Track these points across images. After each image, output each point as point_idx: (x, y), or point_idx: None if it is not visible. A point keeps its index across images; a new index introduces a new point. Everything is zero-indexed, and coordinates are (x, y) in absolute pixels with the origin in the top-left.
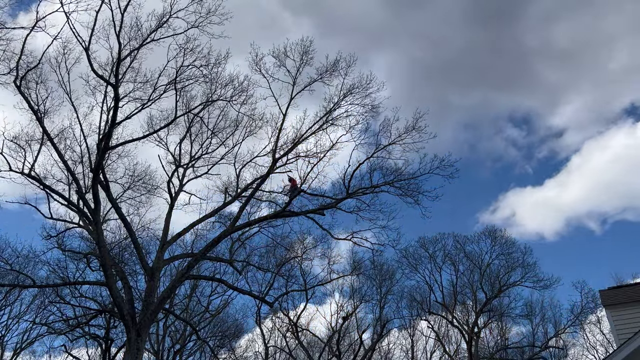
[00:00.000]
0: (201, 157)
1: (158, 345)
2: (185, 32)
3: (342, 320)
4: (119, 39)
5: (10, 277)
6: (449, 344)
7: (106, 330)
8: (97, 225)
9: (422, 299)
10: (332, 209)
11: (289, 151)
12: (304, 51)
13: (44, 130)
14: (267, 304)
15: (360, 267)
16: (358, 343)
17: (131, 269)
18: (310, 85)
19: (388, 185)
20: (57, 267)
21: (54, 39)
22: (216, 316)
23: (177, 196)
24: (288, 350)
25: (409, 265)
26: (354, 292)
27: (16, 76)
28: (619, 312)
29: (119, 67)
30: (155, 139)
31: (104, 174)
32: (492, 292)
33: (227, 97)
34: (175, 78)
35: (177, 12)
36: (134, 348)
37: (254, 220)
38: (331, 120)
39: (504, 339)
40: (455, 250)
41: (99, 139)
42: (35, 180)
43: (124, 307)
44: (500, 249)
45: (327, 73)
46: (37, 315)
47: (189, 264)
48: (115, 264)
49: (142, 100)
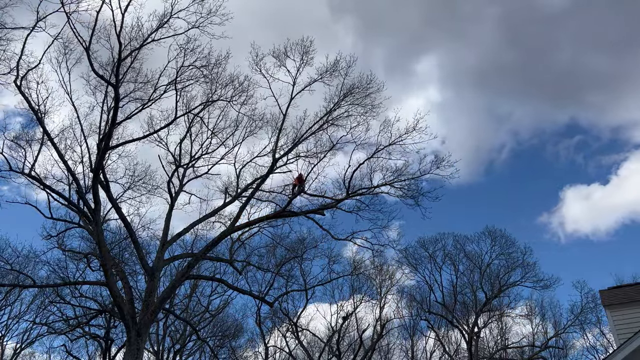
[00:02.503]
0: (201, 157)
1: (158, 345)
2: (185, 33)
3: (342, 320)
4: (120, 39)
5: (11, 277)
6: (449, 344)
7: (106, 330)
8: (97, 225)
9: (422, 299)
10: (332, 209)
11: (289, 151)
12: (304, 51)
13: (44, 130)
14: (267, 304)
15: (360, 267)
16: (358, 343)
17: (131, 269)
18: (310, 86)
19: (388, 186)
20: (57, 267)
21: (54, 39)
22: (216, 316)
23: (177, 196)
24: (288, 350)
25: (409, 265)
26: (354, 292)
27: (16, 76)
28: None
29: (119, 67)
30: (156, 139)
31: (104, 174)
32: (492, 292)
33: (228, 97)
34: (176, 78)
35: (177, 13)
36: (134, 348)
37: (254, 220)
38: (331, 121)
39: (504, 339)
40: (455, 250)
41: (99, 139)
42: (35, 180)
43: (124, 307)
44: (500, 248)
45: (327, 73)
46: (37, 315)
47: (189, 264)
48: (115, 264)
49: (143, 100)
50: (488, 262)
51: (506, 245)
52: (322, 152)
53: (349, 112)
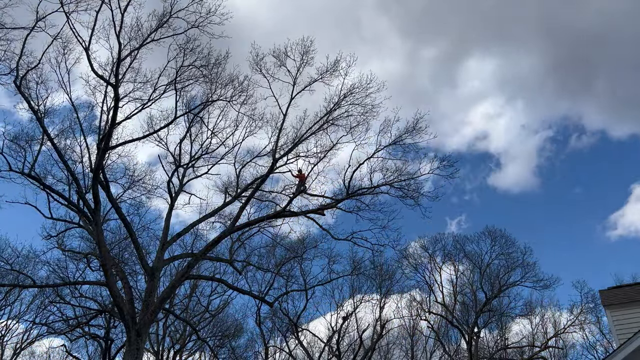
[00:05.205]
0: (201, 157)
1: (158, 345)
2: (185, 32)
3: (342, 320)
4: (119, 39)
5: (10, 277)
6: (449, 344)
7: (106, 330)
8: (97, 225)
9: (422, 299)
10: (332, 209)
11: (289, 151)
12: (304, 51)
13: (44, 130)
14: (267, 304)
15: (360, 267)
16: (358, 343)
17: (131, 269)
18: (310, 85)
19: (388, 186)
20: (57, 267)
21: (54, 39)
22: (216, 316)
23: (177, 196)
24: (288, 350)
25: (409, 265)
26: (354, 292)
27: (16, 76)
28: (619, 312)
29: (119, 67)
30: (155, 139)
31: (104, 174)
32: (492, 292)
33: (227, 97)
34: (176, 78)
35: (177, 12)
36: (134, 348)
37: (254, 220)
38: (331, 121)
39: (504, 339)
40: (455, 250)
41: (99, 139)
42: (35, 180)
43: (124, 307)
44: (500, 248)
45: (328, 73)
46: (37, 315)
47: (189, 264)
48: (115, 264)
49: (142, 100)
50: (488, 262)
51: (506, 245)
52: (322, 152)
53: (349, 112)
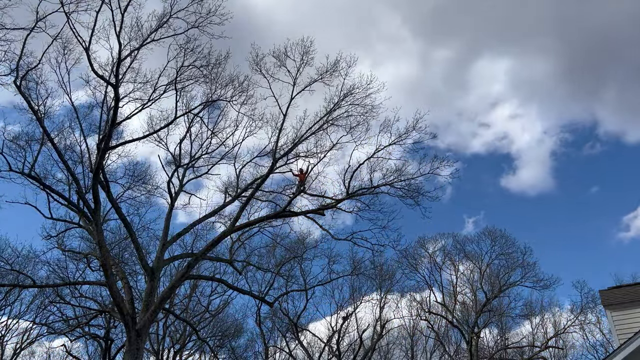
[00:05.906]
0: (201, 157)
1: (158, 345)
2: (185, 32)
3: (342, 320)
4: (119, 39)
5: (10, 277)
6: (449, 344)
7: (106, 330)
8: (97, 225)
9: (422, 299)
10: (332, 209)
11: (289, 151)
12: (304, 51)
13: (44, 130)
14: (267, 304)
15: (360, 267)
16: (358, 343)
17: (131, 269)
18: (310, 86)
19: (388, 186)
20: (57, 267)
21: (54, 39)
22: (216, 316)
23: (177, 196)
24: (288, 350)
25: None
26: (354, 292)
27: (16, 76)
28: (619, 312)
29: (119, 67)
30: (155, 139)
31: (104, 174)
32: (492, 292)
33: (227, 97)
34: (176, 78)
35: (177, 12)
36: (134, 348)
37: (254, 220)
38: (331, 121)
39: (504, 339)
40: (455, 250)
41: (99, 139)
42: (35, 180)
43: (124, 307)
44: (500, 248)
45: (328, 73)
46: (37, 315)
47: (189, 264)
48: (115, 264)
49: (142, 100)
50: (488, 262)
51: (506, 246)
52: (322, 152)
53: (349, 112)
